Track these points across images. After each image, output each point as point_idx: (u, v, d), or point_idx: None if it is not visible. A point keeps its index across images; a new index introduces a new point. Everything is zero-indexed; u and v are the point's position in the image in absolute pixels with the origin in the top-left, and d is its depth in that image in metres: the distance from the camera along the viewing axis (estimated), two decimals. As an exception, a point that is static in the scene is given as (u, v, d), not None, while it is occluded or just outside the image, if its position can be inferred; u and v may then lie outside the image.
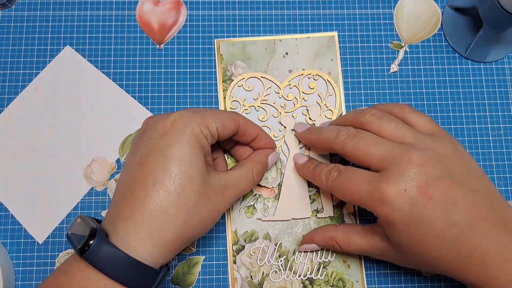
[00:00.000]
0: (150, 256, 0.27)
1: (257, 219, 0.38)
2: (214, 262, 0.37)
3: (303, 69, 0.40)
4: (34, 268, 0.37)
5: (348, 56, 0.41)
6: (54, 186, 0.38)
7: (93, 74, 0.40)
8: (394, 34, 0.42)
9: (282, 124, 0.39)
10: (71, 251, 0.37)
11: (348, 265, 0.37)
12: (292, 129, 0.39)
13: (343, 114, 0.39)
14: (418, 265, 0.31)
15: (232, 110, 0.39)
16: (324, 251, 0.37)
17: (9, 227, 0.38)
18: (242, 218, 0.38)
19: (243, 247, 0.37)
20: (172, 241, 0.28)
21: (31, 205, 0.38)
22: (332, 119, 0.39)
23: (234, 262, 0.37)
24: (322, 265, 0.37)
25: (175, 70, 0.41)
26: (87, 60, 0.41)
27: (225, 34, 0.41)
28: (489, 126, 0.40)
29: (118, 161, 0.39)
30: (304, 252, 0.37)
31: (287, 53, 0.41)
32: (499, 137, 0.40)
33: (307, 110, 0.40)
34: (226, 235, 0.38)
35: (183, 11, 0.42)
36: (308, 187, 0.38)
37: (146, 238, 0.27)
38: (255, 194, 0.38)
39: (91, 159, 0.39)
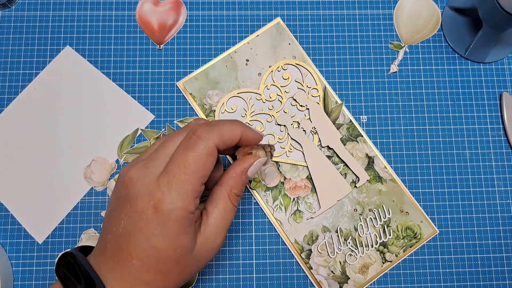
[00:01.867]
0: None
1: (307, 219, 0.38)
2: (214, 262, 0.37)
3: (270, 66, 0.40)
4: (34, 268, 0.37)
5: (348, 57, 0.41)
6: (54, 186, 0.38)
7: (93, 74, 0.40)
8: (394, 34, 0.42)
9: (280, 124, 0.39)
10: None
11: (406, 212, 0.38)
12: (291, 124, 0.39)
13: (327, 87, 0.40)
14: None
15: None
16: (380, 213, 0.38)
17: (9, 227, 0.38)
18: (294, 226, 0.38)
19: (310, 250, 0.38)
20: None
21: (31, 205, 0.38)
22: (320, 96, 0.40)
23: (310, 268, 0.37)
24: (385, 225, 0.38)
25: (175, 70, 0.41)
26: (87, 60, 0.41)
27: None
28: (488, 126, 0.40)
29: (117, 161, 0.39)
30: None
31: (247, 60, 0.41)
32: (499, 137, 0.40)
33: (294, 100, 0.40)
34: (287, 247, 0.38)
35: (183, 12, 0.42)
36: (334, 165, 0.39)
37: None
38: (293, 199, 0.38)
39: (91, 159, 0.39)
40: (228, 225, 0.30)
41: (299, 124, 0.39)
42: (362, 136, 0.39)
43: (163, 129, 0.39)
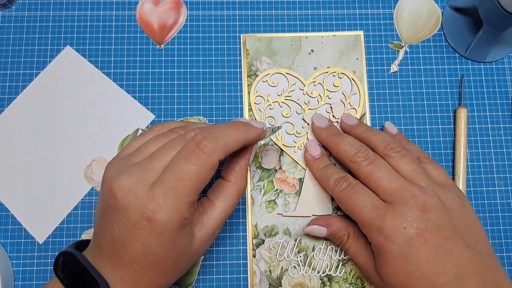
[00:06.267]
0: None
1: (278, 214, 0.38)
2: (214, 262, 0.37)
3: (328, 67, 0.40)
4: (34, 268, 0.37)
5: (348, 56, 0.41)
6: (54, 186, 0.38)
7: (94, 74, 0.40)
8: (394, 34, 0.42)
9: (305, 121, 0.39)
10: (71, 251, 0.37)
11: None
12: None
13: (366, 113, 0.40)
14: None
15: (256, 104, 0.40)
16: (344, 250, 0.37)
17: (9, 227, 0.38)
18: (263, 212, 0.38)
19: (263, 241, 0.37)
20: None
21: (31, 205, 0.38)
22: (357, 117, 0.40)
23: (254, 256, 0.37)
24: (341, 263, 0.37)
25: (175, 70, 0.41)
26: (88, 60, 0.41)
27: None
28: (489, 126, 0.40)
29: (118, 161, 0.39)
30: (307, 235, 0.37)
31: (312, 50, 0.41)
32: (499, 137, 0.40)
33: (331, 108, 0.40)
34: (246, 228, 0.38)
35: (183, 11, 0.42)
36: None
37: None
38: (276, 189, 0.38)
39: (91, 159, 0.39)
40: (229, 215, 0.30)
41: None
42: None
43: (164, 129, 0.39)
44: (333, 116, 0.39)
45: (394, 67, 0.41)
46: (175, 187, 0.25)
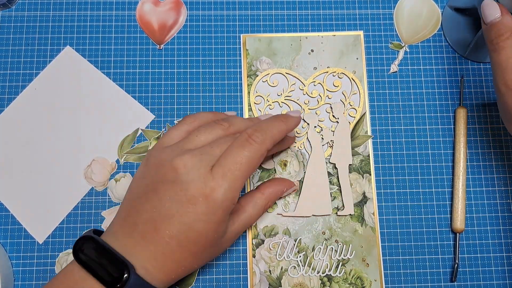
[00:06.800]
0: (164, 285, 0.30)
1: (278, 214, 0.38)
2: (214, 262, 0.37)
3: (328, 67, 0.41)
4: (34, 268, 0.37)
5: (348, 56, 0.41)
6: (54, 186, 0.38)
7: (93, 74, 0.40)
8: (394, 34, 0.42)
9: (305, 121, 0.39)
10: (71, 251, 0.37)
11: (367, 263, 0.37)
12: (315, 126, 0.39)
13: (366, 113, 0.40)
14: None
15: (256, 104, 0.40)
16: (343, 249, 0.37)
17: (9, 227, 0.38)
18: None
19: (263, 241, 0.37)
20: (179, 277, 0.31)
21: (31, 205, 0.38)
22: (356, 118, 0.39)
23: (253, 256, 0.37)
24: (341, 263, 0.37)
25: (175, 70, 0.41)
26: (87, 60, 0.41)
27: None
28: (489, 126, 0.40)
29: (118, 161, 0.39)
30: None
31: (312, 50, 0.41)
32: (499, 137, 0.40)
33: (331, 108, 0.40)
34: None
35: (183, 11, 0.42)
36: (329, 184, 0.38)
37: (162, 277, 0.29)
38: None
39: (91, 159, 0.39)
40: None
41: (322, 130, 0.39)
42: (370, 175, 0.39)
43: (163, 129, 0.39)
44: (333, 116, 0.40)
45: (394, 67, 0.41)
46: (232, 169, 0.28)
